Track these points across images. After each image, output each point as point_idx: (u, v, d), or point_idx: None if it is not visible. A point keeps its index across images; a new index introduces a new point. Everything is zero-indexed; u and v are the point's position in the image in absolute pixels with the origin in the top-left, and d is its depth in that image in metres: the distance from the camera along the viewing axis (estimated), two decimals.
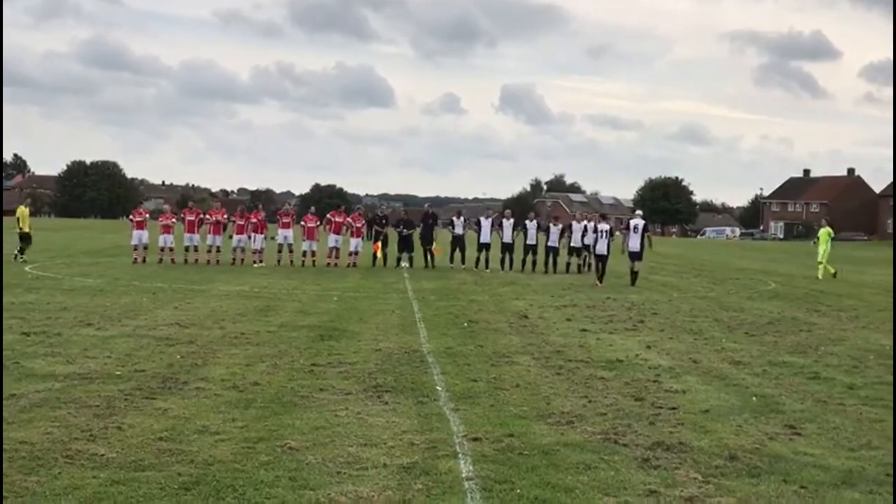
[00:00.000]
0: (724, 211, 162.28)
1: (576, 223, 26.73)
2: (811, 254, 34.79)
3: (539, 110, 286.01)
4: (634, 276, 22.43)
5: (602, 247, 23.30)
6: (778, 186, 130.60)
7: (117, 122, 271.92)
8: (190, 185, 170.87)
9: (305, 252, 26.56)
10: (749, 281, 25.29)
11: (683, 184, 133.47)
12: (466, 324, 13.39)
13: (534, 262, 26.31)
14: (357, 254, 26.98)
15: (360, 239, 27.41)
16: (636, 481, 5.65)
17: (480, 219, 27.15)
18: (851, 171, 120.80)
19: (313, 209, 28.56)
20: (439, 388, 8.35)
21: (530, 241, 26.44)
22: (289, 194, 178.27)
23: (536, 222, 26.92)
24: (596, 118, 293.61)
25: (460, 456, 6.08)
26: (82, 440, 6.24)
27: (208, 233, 26.56)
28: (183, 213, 27.44)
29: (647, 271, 24.89)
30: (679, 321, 14.57)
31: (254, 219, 26.68)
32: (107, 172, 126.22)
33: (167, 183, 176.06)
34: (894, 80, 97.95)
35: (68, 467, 5.65)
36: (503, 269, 26.09)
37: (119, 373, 8.73)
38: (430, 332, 12.39)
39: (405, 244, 26.90)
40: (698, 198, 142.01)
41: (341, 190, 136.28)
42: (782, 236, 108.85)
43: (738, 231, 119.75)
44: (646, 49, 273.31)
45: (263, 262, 25.98)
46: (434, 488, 5.37)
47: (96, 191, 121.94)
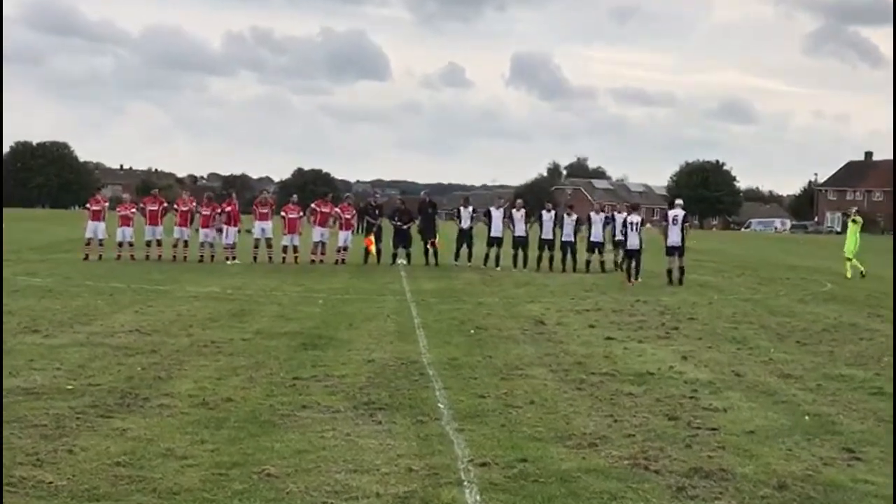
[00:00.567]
0: (772, 200, 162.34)
1: (594, 214, 26.78)
2: (875, 250, 34.79)
3: (556, 83, 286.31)
4: (681, 273, 22.79)
5: (634, 240, 23.54)
6: (834, 172, 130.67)
7: (68, 97, 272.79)
8: (153, 170, 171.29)
9: (286, 247, 26.62)
10: (801, 281, 25.28)
11: (725, 168, 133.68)
12: (473, 331, 13.39)
13: (551, 260, 26.33)
14: (346, 249, 27.02)
15: (349, 232, 27.48)
16: None
17: (491, 209, 27.16)
18: None
19: (295, 198, 28.62)
20: (441, 406, 8.35)
21: (546, 234, 26.44)
22: (267, 180, 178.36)
23: (554, 213, 26.91)
24: (622, 92, 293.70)
25: (465, 484, 6.08)
26: (27, 465, 6.25)
27: (174, 225, 26.61)
28: (144, 203, 27.49)
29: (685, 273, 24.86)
30: (720, 328, 14.56)
31: (227, 208, 26.73)
32: (56, 154, 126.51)
33: (126, 167, 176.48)
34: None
35: (11, 496, 5.66)
36: (515, 267, 26.11)
37: (70, 387, 8.74)
38: (431, 340, 12.39)
39: (402, 238, 26.94)
40: (742, 185, 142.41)
41: (328, 175, 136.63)
42: (840, 229, 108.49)
43: (788, 223, 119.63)
44: (680, 12, 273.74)
45: (237, 258, 26.02)
46: None
47: (44, 176, 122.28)
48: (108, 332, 12.22)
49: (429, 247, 26.75)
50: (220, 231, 26.70)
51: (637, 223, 23.84)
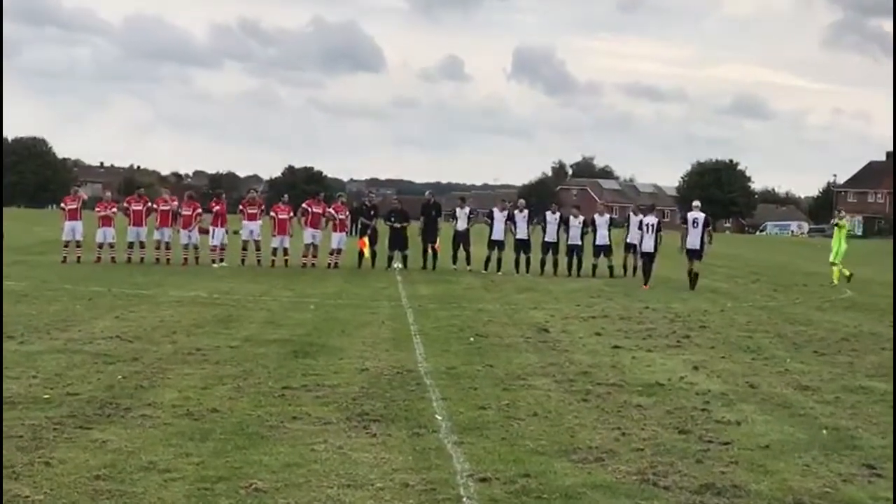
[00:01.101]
0: (788, 201, 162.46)
1: (598, 216, 26.84)
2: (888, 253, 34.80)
3: (561, 77, 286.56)
4: (694, 278, 23.15)
5: (649, 243, 23.83)
6: (855, 172, 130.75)
7: (45, 90, 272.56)
8: (135, 167, 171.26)
9: (276, 250, 26.63)
10: (819, 288, 25.31)
11: (739, 168, 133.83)
12: (473, 338, 13.39)
13: (555, 264, 26.36)
14: (339, 252, 27.03)
15: (343, 234, 27.49)
16: None
17: (494, 210, 27.18)
18: None
19: (286, 197, 28.66)
20: (439, 417, 8.36)
21: (549, 237, 26.46)
22: (255, 179, 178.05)
23: (559, 215, 26.93)
24: (630, 87, 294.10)
25: (465, 500, 6.09)
26: (3, 478, 6.25)
27: (156, 225, 26.59)
28: (126, 202, 27.51)
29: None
30: (733, 336, 14.58)
31: (214, 207, 26.75)
32: (33, 151, 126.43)
33: (107, 164, 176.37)
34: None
35: None
36: (518, 271, 26.12)
37: (47, 396, 8.74)
38: (429, 348, 12.40)
39: (398, 240, 26.95)
40: (757, 185, 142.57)
41: (320, 174, 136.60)
42: (861, 233, 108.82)
43: (805, 226, 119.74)
44: (691, 2, 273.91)
45: (224, 261, 26.02)
46: None
47: (19, 173, 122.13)
48: (88, 339, 12.22)
49: (430, 251, 26.73)
50: (207, 232, 26.70)
51: (653, 225, 24.06)
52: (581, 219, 26.64)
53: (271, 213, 27.02)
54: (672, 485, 6.58)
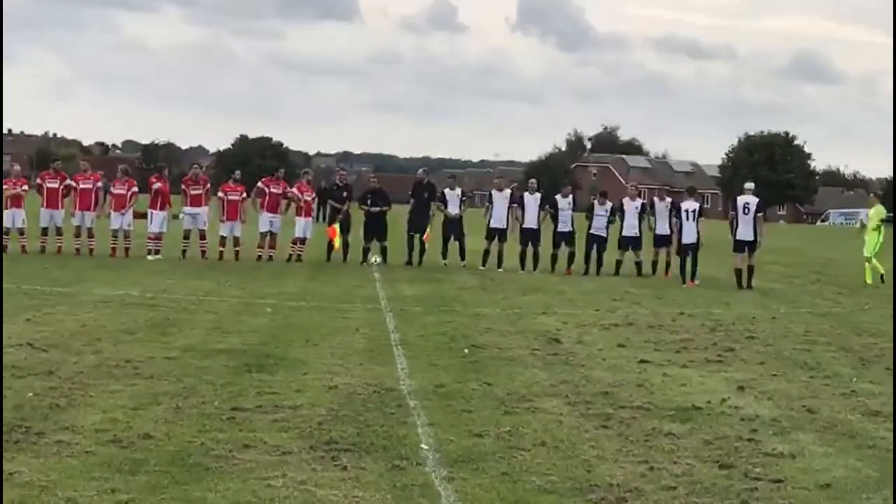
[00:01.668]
0: (856, 184, 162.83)
1: (629, 201, 26.83)
2: None
3: (578, 29, 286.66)
4: (750, 274, 23.50)
5: (690, 233, 24.12)
6: None
7: None
8: (50, 136, 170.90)
9: (225, 239, 26.60)
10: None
11: (796, 143, 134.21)
12: (467, 350, 13.41)
13: (570, 258, 26.37)
14: (303, 242, 27.02)
15: (307, 220, 27.47)
16: None
17: (493, 192, 27.18)
18: None
19: (238, 174, 28.57)
20: (425, 447, 8.37)
21: (564, 226, 26.48)
22: (200, 151, 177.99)
23: (572, 197, 26.95)
24: (664, 42, 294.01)
25: None
26: None
27: (73, 208, 26.46)
28: (40, 178, 27.42)
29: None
30: (787, 350, 14.61)
31: (155, 184, 26.59)
32: None
33: (16, 132, 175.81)
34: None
35: None
36: (524, 267, 26.14)
37: None
38: (413, 361, 12.40)
39: (376, 228, 26.91)
40: (818, 164, 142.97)
41: (280, 146, 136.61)
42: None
43: None
44: None
45: (161, 253, 25.98)
46: None
47: None
48: None
49: (419, 242, 26.71)
50: (144, 216, 26.64)
51: (694, 211, 24.30)
52: (609, 205, 26.65)
53: (219, 194, 26.98)
54: None
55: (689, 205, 24.65)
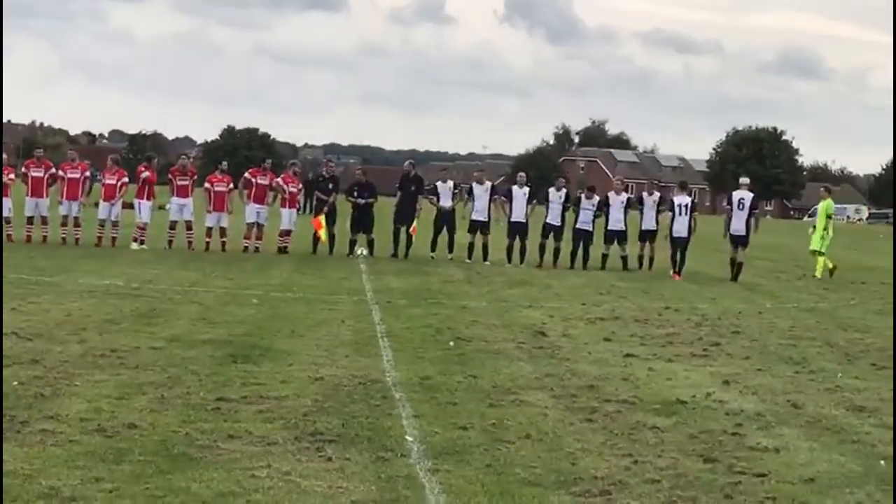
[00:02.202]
0: (843, 180, 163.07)
1: (614, 195, 26.90)
2: None
3: (566, 22, 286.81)
4: (738, 270, 24.11)
5: (681, 227, 24.74)
6: None
7: None
8: (37, 125, 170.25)
9: (211, 230, 26.56)
10: (880, 287, 25.44)
11: (784, 138, 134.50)
12: (453, 342, 13.42)
13: (556, 252, 26.40)
14: (289, 234, 26.98)
15: (293, 211, 27.45)
16: None
17: (473, 185, 27.19)
18: None
19: (224, 165, 28.56)
20: (410, 439, 8.38)
21: (552, 219, 26.49)
22: (187, 142, 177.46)
23: (565, 192, 26.94)
24: (652, 37, 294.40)
25: None
26: None
27: (60, 197, 26.39)
28: (26, 167, 27.33)
29: (726, 269, 25.04)
30: (773, 345, 14.65)
31: (143, 173, 26.49)
32: None
33: (4, 121, 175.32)
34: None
35: None
36: (510, 261, 26.16)
37: None
38: (399, 354, 12.42)
39: (362, 221, 26.90)
40: (806, 160, 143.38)
41: (267, 137, 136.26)
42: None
43: (865, 211, 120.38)
44: None
45: (146, 243, 25.94)
46: None
47: None
48: None
49: (405, 235, 26.69)
50: (132, 206, 26.58)
51: (686, 206, 24.89)
52: (596, 199, 26.68)
53: (206, 185, 26.93)
54: None
55: (682, 199, 25.21)
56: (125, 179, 26.81)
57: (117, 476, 7.04)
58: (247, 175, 27.39)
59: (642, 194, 27.90)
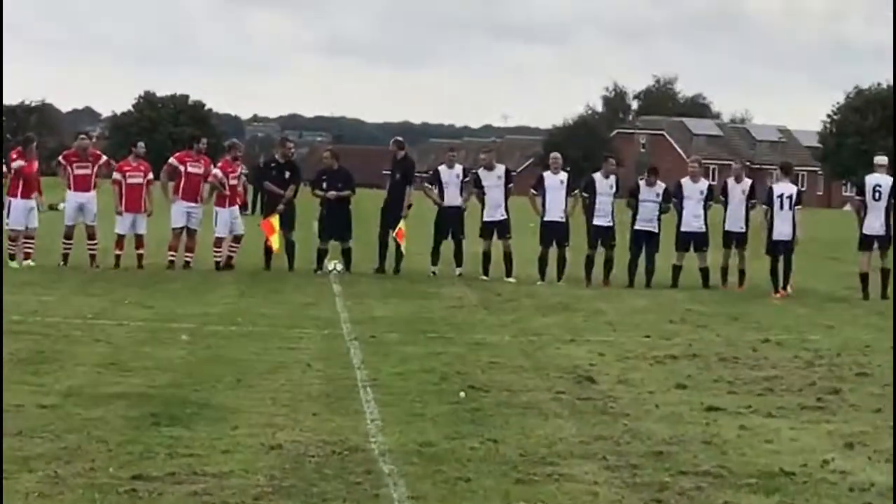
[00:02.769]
0: None
1: (689, 182, 26.77)
2: None
3: None
4: (884, 281, 24.28)
5: (784, 225, 24.71)
6: None
7: None
8: None
9: (123, 238, 26.55)
10: None
11: None
12: (464, 393, 13.42)
13: (607, 263, 26.36)
14: (238, 240, 26.94)
15: (236, 209, 27.38)
16: None
17: (480, 172, 27.13)
18: None
19: (142, 147, 28.48)
20: None
21: (603, 218, 26.40)
22: (88, 114, 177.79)
23: (615, 178, 26.87)
24: None
25: None
26: None
27: None
28: None
29: (849, 286, 25.01)
30: None
31: (15, 161, 26.49)
32: None
33: None
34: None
35: None
36: (543, 277, 26.13)
37: None
38: (388, 410, 12.42)
39: (336, 223, 26.84)
40: None
41: (201, 107, 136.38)
42: None
43: None
44: None
45: (32, 257, 25.91)
46: None
47: None
48: None
49: (393, 241, 26.68)
50: (2, 206, 26.55)
51: (790, 197, 24.83)
52: (661, 187, 26.55)
53: (115, 176, 26.92)
54: None
55: (784, 188, 24.82)
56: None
57: None
58: (172, 161, 27.36)
59: (727, 181, 27.70)
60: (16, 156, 26.88)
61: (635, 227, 26.38)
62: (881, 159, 25.49)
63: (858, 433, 12.05)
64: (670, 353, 16.95)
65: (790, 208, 24.81)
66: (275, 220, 26.59)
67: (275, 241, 26.59)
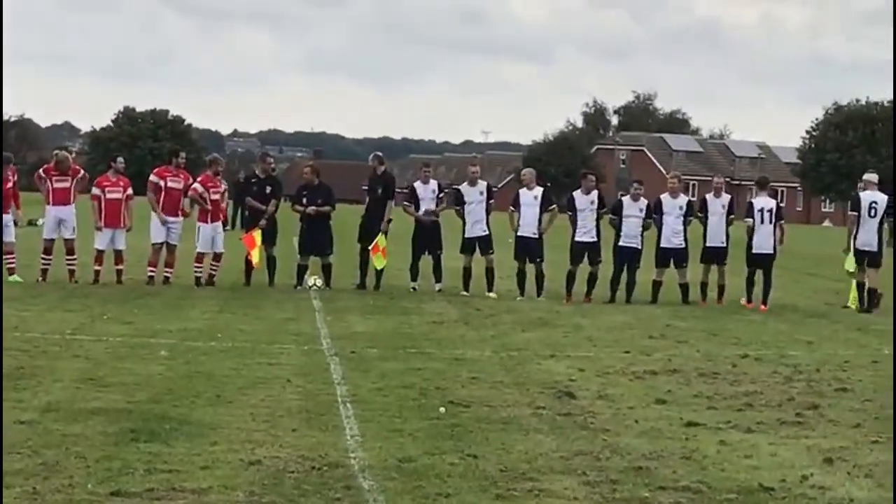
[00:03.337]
0: None
1: (668, 198, 26.80)
2: None
3: None
4: (871, 297, 24.44)
5: (763, 240, 25.03)
6: None
7: None
8: None
9: (102, 253, 26.50)
10: None
11: None
12: (444, 409, 13.42)
13: (590, 278, 26.37)
14: (218, 258, 26.91)
15: (218, 225, 27.35)
16: None
17: (461, 188, 27.17)
18: None
19: (121, 162, 28.43)
20: None
21: (582, 234, 26.44)
22: (68, 129, 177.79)
23: (597, 194, 26.90)
24: None
25: None
26: None
27: None
28: None
29: (828, 302, 25.04)
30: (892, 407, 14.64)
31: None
32: None
33: None
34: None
35: None
36: (522, 292, 26.15)
37: None
38: (368, 426, 12.42)
39: (316, 238, 26.85)
40: None
41: (181, 122, 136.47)
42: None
43: None
44: None
45: (15, 273, 25.85)
46: None
47: None
48: None
49: (371, 253, 26.65)
50: None
51: (770, 210, 25.14)
52: (644, 203, 26.59)
53: (94, 191, 26.87)
54: None
55: (764, 202, 25.01)
56: None
57: None
58: (153, 177, 27.25)
59: (706, 196, 27.71)
60: None
61: (619, 243, 26.39)
62: (872, 176, 25.60)
63: (838, 448, 12.08)
64: (650, 369, 16.99)
65: (770, 222, 25.01)
66: (257, 234, 26.58)
67: (255, 256, 26.57)
